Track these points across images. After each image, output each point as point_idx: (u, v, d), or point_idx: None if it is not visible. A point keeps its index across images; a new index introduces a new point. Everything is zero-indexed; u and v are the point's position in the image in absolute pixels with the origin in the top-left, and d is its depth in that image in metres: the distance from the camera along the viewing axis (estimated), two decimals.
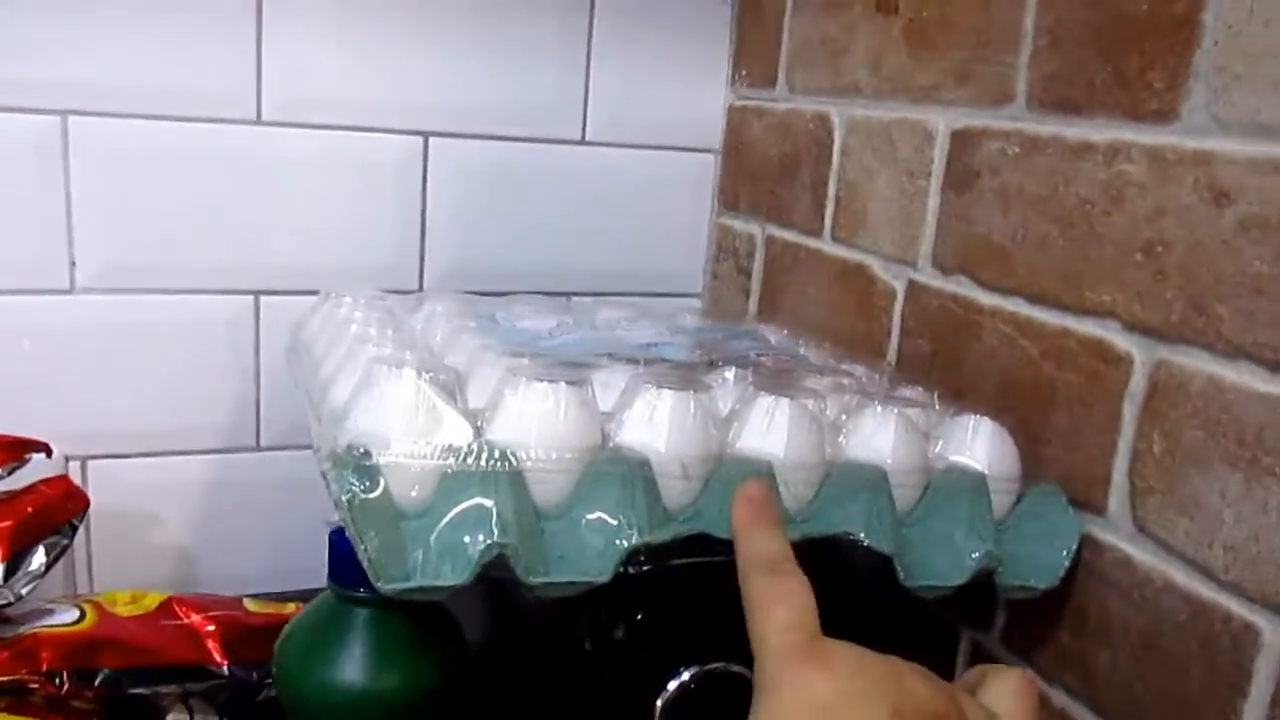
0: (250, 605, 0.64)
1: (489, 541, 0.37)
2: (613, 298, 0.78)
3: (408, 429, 0.39)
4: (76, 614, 0.56)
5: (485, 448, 0.39)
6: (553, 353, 0.49)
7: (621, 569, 0.41)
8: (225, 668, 0.59)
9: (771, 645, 0.32)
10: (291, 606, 0.64)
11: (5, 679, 0.52)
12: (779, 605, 0.33)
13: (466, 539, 0.37)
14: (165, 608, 0.60)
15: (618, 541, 0.40)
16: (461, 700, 0.47)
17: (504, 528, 0.38)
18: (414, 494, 0.38)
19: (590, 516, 0.40)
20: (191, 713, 0.58)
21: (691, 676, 0.46)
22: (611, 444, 0.42)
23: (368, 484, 0.37)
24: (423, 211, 0.75)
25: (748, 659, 0.46)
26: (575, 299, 0.75)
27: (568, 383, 0.41)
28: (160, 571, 0.73)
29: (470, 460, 0.38)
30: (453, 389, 0.41)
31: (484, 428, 0.40)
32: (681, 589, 0.48)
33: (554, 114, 0.77)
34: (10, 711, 0.53)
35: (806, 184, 0.71)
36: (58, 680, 0.53)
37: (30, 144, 0.65)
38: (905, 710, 0.30)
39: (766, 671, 0.32)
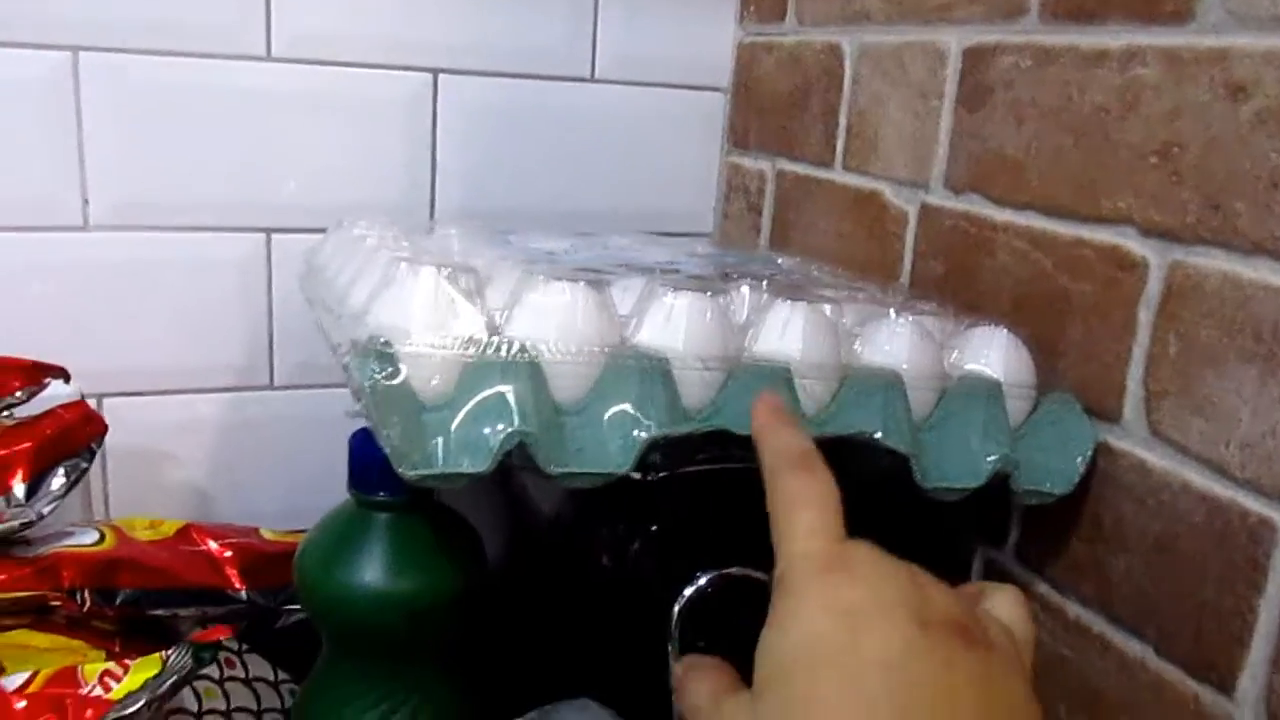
0: (267, 534, 0.64)
1: (509, 430, 0.37)
2: None
3: (428, 322, 0.39)
4: (96, 535, 0.57)
5: (505, 340, 0.39)
6: (569, 264, 0.49)
7: (639, 474, 0.41)
8: (243, 593, 0.59)
9: (796, 550, 0.31)
10: None
11: (28, 594, 0.52)
12: (806, 507, 0.32)
13: (486, 428, 0.38)
14: (183, 534, 0.61)
15: (636, 433, 0.40)
16: (480, 608, 0.47)
17: (524, 417, 0.38)
18: (434, 383, 0.38)
19: (609, 410, 0.40)
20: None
21: (708, 581, 0.46)
22: (629, 344, 0.42)
23: (389, 371, 0.37)
24: (432, 149, 0.75)
25: (763, 565, 0.46)
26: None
27: (586, 283, 0.41)
28: (175, 509, 0.73)
29: (490, 351, 0.39)
30: (472, 288, 0.41)
31: (503, 325, 0.41)
32: (697, 498, 0.48)
33: (563, 51, 0.77)
34: (33, 629, 0.53)
35: (817, 115, 0.71)
36: (79, 598, 0.53)
37: (41, 80, 0.65)
38: (930, 620, 0.29)
39: (789, 577, 0.30)
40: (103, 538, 0.57)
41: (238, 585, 0.59)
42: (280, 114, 0.71)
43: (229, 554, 0.60)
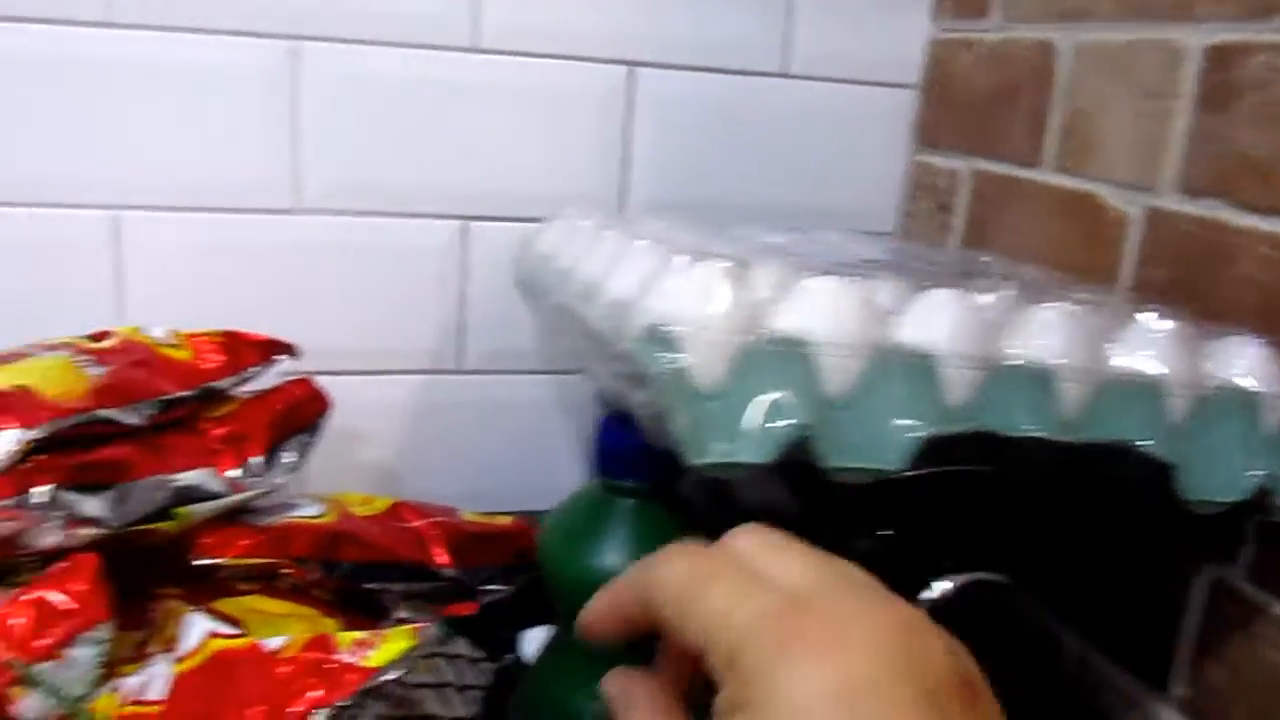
0: (465, 515, 0.66)
1: (791, 423, 0.37)
2: None
3: (707, 312, 0.39)
4: (320, 508, 0.59)
5: (783, 332, 0.39)
6: (813, 257, 0.49)
7: (909, 472, 0.41)
8: (448, 571, 0.60)
9: (741, 619, 0.24)
10: (505, 519, 0.66)
11: (262, 561, 0.54)
12: (720, 574, 0.25)
13: (769, 419, 0.38)
14: (393, 511, 0.62)
15: (907, 433, 0.39)
16: None
17: (804, 410, 0.38)
18: (718, 373, 0.38)
19: (879, 406, 0.40)
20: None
21: (957, 587, 0.45)
22: (893, 341, 0.42)
23: (678, 359, 0.37)
24: (626, 141, 0.75)
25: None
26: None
27: (853, 278, 0.41)
28: (364, 487, 0.75)
29: (769, 344, 0.39)
30: (744, 280, 0.41)
31: (773, 318, 0.40)
32: (926, 502, 0.48)
33: (757, 46, 0.76)
34: (265, 594, 0.55)
35: (1023, 114, 0.69)
36: (308, 567, 0.55)
37: (263, 68, 0.68)
38: (932, 684, 0.23)
39: (749, 653, 0.23)
40: (325, 511, 0.58)
41: (443, 563, 0.61)
42: (482, 104, 0.72)
43: (435, 532, 0.61)
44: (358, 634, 0.45)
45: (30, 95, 0.65)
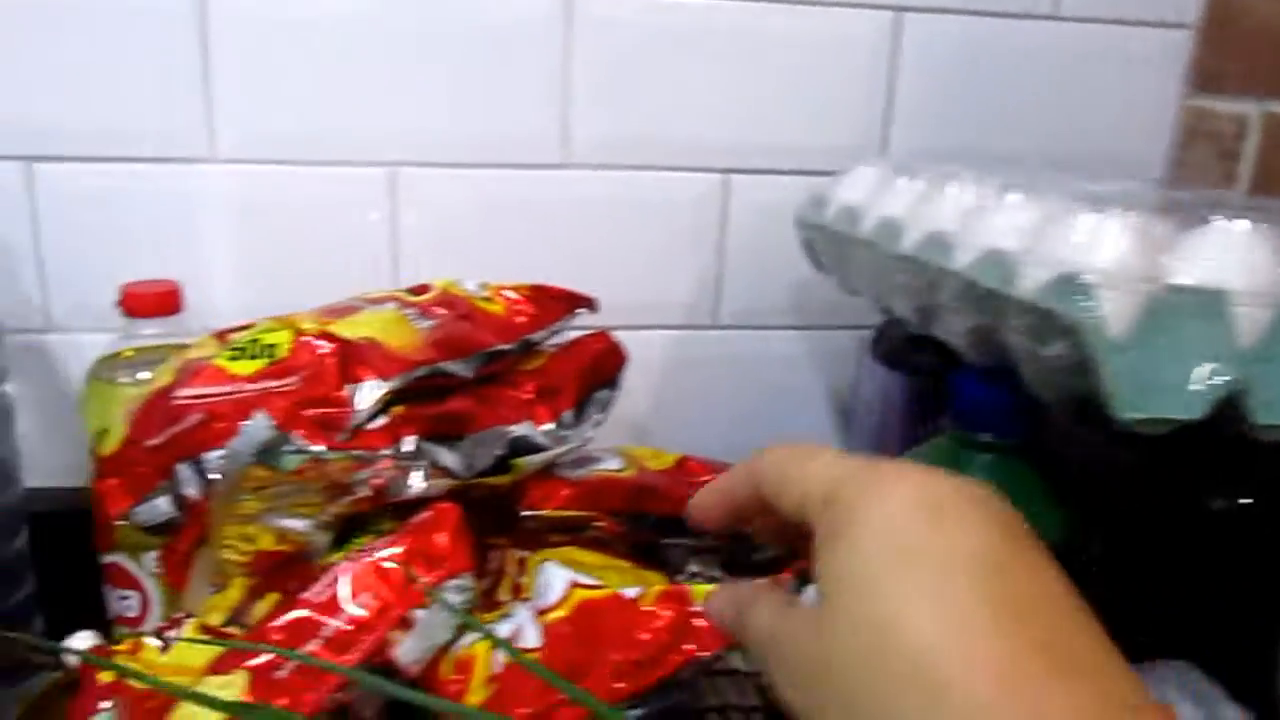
0: None
1: (1224, 378, 0.35)
2: None
3: (1121, 260, 0.37)
4: (621, 462, 0.59)
5: (1200, 281, 0.37)
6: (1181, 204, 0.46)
7: None
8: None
9: (837, 471, 0.26)
10: None
11: (577, 514, 0.55)
12: (817, 451, 0.28)
13: (1195, 372, 0.36)
14: (681, 465, 0.62)
15: None
16: (1080, 554, 0.45)
17: (1232, 364, 0.36)
18: (1134, 323, 0.36)
19: None
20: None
21: None
22: None
23: (1102, 309, 0.36)
24: (890, 90, 0.73)
25: None
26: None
27: (1266, 223, 0.39)
28: (617, 440, 0.76)
29: (1187, 293, 0.37)
30: (1144, 225, 0.39)
31: (1184, 265, 0.38)
32: None
33: None
34: (575, 546, 0.56)
35: None
36: (618, 520, 0.56)
37: (531, 19, 0.67)
38: (1013, 526, 0.25)
39: (844, 492, 0.26)
40: (625, 465, 0.59)
41: None
42: (746, 54, 0.71)
43: None
44: (709, 587, 0.45)
45: (310, 55, 0.66)
